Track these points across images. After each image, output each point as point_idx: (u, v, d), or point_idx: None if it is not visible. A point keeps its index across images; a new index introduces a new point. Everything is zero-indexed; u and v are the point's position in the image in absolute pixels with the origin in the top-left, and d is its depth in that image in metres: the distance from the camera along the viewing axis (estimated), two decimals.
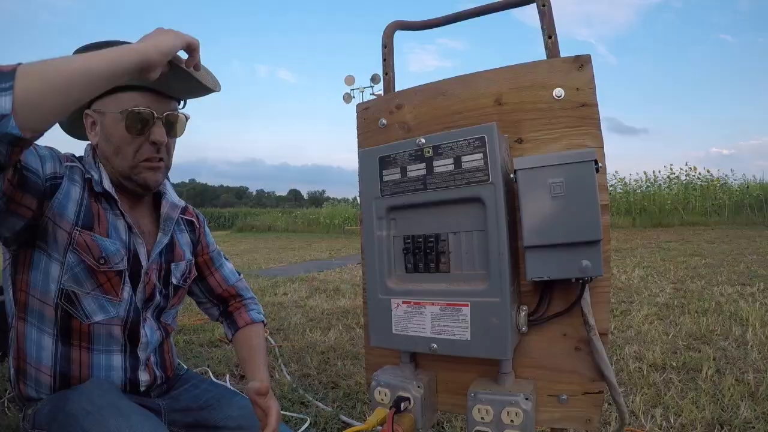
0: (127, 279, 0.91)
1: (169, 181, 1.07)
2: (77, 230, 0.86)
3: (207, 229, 1.18)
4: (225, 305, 1.20)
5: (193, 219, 1.13)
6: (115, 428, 0.74)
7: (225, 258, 1.23)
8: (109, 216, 0.91)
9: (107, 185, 0.91)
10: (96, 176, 0.91)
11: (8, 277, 0.90)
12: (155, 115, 0.89)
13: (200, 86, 0.89)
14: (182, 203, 1.07)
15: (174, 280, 1.03)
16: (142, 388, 0.95)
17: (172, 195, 1.05)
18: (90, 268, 0.87)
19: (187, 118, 0.96)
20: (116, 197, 0.91)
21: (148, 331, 0.96)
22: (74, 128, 0.99)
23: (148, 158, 0.91)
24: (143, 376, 0.95)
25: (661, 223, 11.59)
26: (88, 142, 0.95)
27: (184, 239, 1.08)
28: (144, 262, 0.95)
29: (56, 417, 0.83)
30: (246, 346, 1.12)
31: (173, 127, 0.94)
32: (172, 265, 1.02)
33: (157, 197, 1.03)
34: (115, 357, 0.92)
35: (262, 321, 1.20)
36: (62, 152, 0.89)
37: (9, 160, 0.64)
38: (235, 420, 1.00)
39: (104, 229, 0.90)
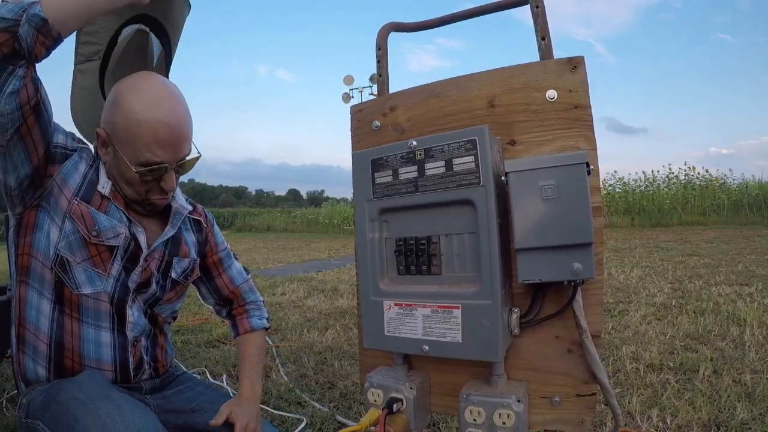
0: (118, 256, 0.93)
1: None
2: (76, 200, 0.90)
3: (216, 229, 1.19)
4: (230, 307, 1.22)
5: (200, 218, 1.13)
6: (106, 415, 0.75)
7: (235, 257, 1.23)
8: (110, 202, 0.94)
9: (103, 183, 0.93)
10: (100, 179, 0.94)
11: (12, 245, 0.94)
12: (168, 167, 0.91)
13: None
14: (190, 207, 1.09)
15: (173, 275, 1.03)
16: (132, 373, 0.96)
17: (180, 198, 1.07)
18: (83, 238, 0.90)
19: (198, 158, 0.98)
20: (109, 196, 0.94)
21: (135, 312, 0.96)
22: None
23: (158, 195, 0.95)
24: (131, 357, 0.96)
25: (660, 223, 11.61)
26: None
27: (190, 238, 1.09)
28: (144, 248, 0.96)
29: (49, 406, 0.84)
30: (241, 355, 1.17)
31: (183, 168, 0.96)
32: (175, 259, 1.03)
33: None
34: (104, 333, 0.93)
35: (264, 327, 1.22)
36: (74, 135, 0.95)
37: (33, 50, 0.74)
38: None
39: (104, 208, 0.93)
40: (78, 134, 0.99)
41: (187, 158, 0.95)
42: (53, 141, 0.88)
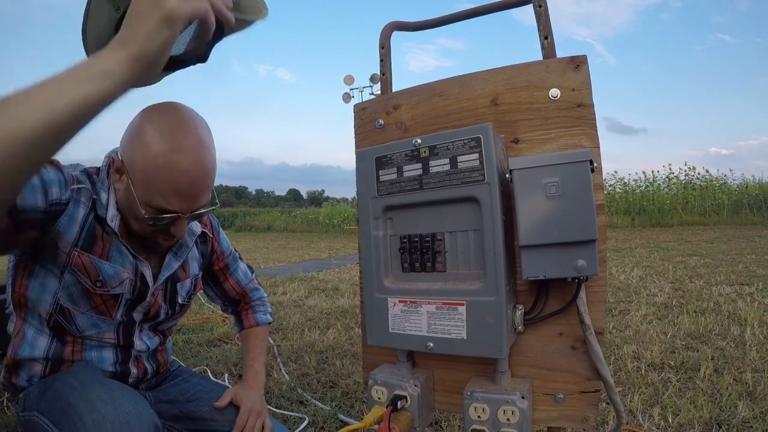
0: (123, 301, 0.91)
1: None
2: (76, 251, 0.84)
3: (222, 235, 1.16)
4: (236, 305, 1.25)
5: (206, 230, 1.09)
6: (97, 398, 0.75)
7: (240, 259, 1.23)
8: (112, 239, 0.89)
9: (111, 215, 0.87)
10: (104, 199, 0.87)
11: (10, 275, 0.91)
12: (181, 217, 0.84)
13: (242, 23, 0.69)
14: (199, 229, 1.04)
15: (180, 300, 1.02)
16: (131, 380, 0.96)
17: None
18: (86, 289, 0.86)
19: (214, 207, 0.92)
20: (117, 233, 0.87)
21: (146, 340, 0.98)
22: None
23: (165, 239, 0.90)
24: (133, 369, 0.97)
25: (660, 223, 11.60)
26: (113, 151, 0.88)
27: (193, 254, 1.06)
28: (151, 285, 0.94)
29: (44, 395, 0.84)
30: (245, 347, 1.20)
31: (197, 217, 0.90)
32: (178, 286, 1.01)
33: None
34: (107, 352, 0.93)
35: (268, 322, 1.25)
36: (73, 171, 0.85)
37: None
38: (222, 413, 1.01)
39: (105, 252, 0.88)
40: (74, 169, 0.88)
41: (203, 210, 0.87)
42: (43, 209, 0.76)
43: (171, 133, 0.79)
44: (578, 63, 0.76)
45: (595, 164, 0.68)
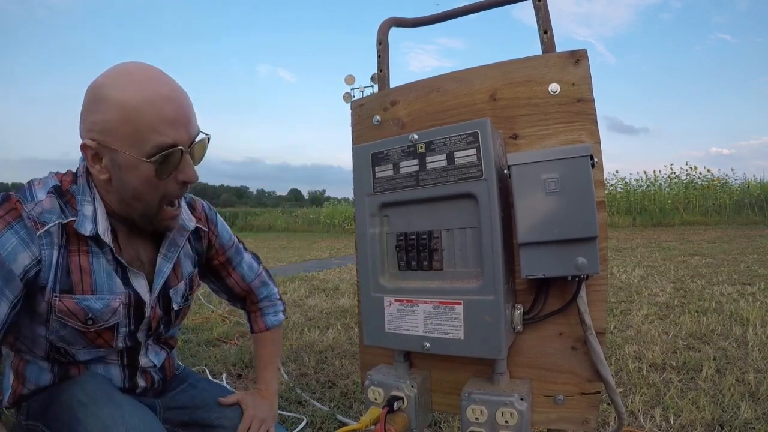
0: (121, 328, 0.85)
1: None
2: (56, 296, 0.77)
3: (220, 228, 1.06)
4: (243, 303, 1.18)
5: (201, 225, 1.00)
6: (108, 417, 0.74)
7: (244, 250, 1.14)
8: (94, 262, 0.80)
9: (102, 227, 0.78)
10: (88, 212, 0.78)
11: None
12: (183, 149, 0.75)
13: None
14: (193, 225, 0.95)
15: (175, 306, 0.95)
16: (138, 391, 0.95)
17: (183, 213, 0.92)
18: (77, 330, 0.80)
19: (208, 140, 0.83)
20: (111, 245, 0.80)
21: (152, 356, 0.95)
22: None
23: (173, 202, 0.81)
24: (141, 382, 0.95)
25: (662, 223, 11.57)
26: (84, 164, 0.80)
27: (185, 251, 0.97)
28: (147, 298, 0.87)
29: (50, 406, 0.82)
30: (255, 353, 1.17)
31: (196, 153, 0.80)
32: (171, 291, 0.93)
33: None
34: (113, 369, 0.91)
35: (278, 323, 1.18)
36: (35, 212, 0.74)
37: None
38: (230, 419, 0.99)
39: (88, 284, 0.79)
40: (43, 187, 0.78)
41: (198, 139, 0.79)
42: (21, 271, 0.71)
43: (130, 74, 0.73)
44: (578, 57, 0.75)
45: (596, 159, 0.67)
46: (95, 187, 0.80)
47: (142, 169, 0.73)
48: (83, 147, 0.75)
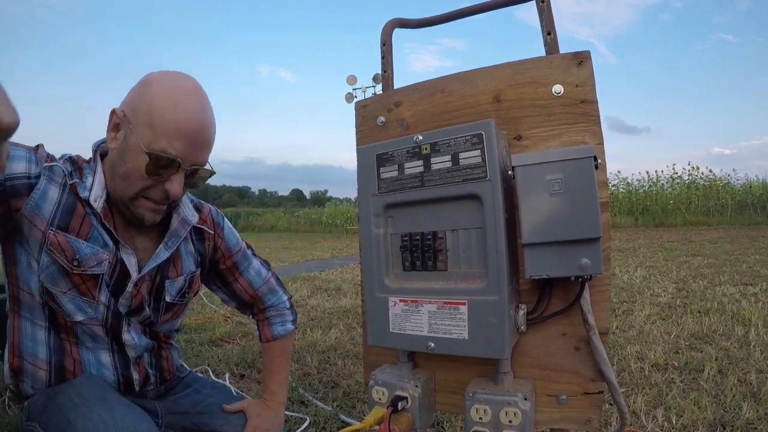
0: (104, 284, 0.87)
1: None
2: (51, 230, 0.82)
3: (227, 232, 1.07)
4: (252, 311, 1.17)
5: (206, 227, 1.02)
6: (99, 419, 0.74)
7: (253, 256, 1.14)
8: (94, 221, 0.86)
9: (95, 195, 0.85)
10: (88, 182, 0.85)
11: (4, 269, 0.89)
12: (181, 165, 0.81)
13: None
14: (195, 219, 0.98)
15: (168, 298, 0.96)
16: (137, 387, 0.95)
17: (185, 208, 0.96)
18: (63, 268, 0.83)
19: (211, 174, 0.89)
20: (99, 213, 0.85)
21: (134, 336, 0.93)
22: None
23: (155, 201, 0.85)
24: (135, 374, 0.94)
25: (664, 223, 11.56)
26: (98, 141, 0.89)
27: (187, 249, 0.99)
28: (133, 273, 0.89)
29: (47, 408, 0.83)
30: (264, 363, 1.15)
31: (194, 179, 0.87)
32: (167, 282, 0.95)
33: (168, 207, 0.92)
34: (103, 355, 0.91)
35: (287, 333, 1.15)
36: (46, 152, 0.84)
37: None
38: (234, 427, 0.99)
39: (85, 232, 0.84)
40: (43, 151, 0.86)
41: (202, 169, 0.86)
42: (9, 174, 0.77)
43: (178, 84, 0.82)
44: (581, 59, 0.75)
45: (599, 161, 0.67)
46: (102, 165, 0.87)
47: (140, 158, 0.80)
48: (113, 112, 0.83)
